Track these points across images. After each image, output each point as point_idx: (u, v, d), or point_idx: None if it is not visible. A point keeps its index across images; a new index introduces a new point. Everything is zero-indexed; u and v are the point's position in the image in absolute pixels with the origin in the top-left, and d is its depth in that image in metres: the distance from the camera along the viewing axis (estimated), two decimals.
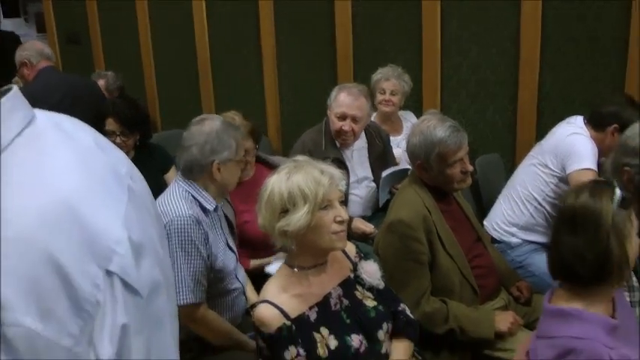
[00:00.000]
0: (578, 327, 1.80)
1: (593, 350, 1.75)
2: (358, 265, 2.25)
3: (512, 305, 2.89)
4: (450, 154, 2.66)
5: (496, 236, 3.47)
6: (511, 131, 4.40)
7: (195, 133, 2.57)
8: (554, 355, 1.80)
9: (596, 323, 1.82)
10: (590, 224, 1.82)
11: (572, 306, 1.85)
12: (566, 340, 1.79)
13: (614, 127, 3.23)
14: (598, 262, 1.81)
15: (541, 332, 1.90)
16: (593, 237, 1.82)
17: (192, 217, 2.45)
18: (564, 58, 4.16)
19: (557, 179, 3.33)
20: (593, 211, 1.82)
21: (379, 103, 4.25)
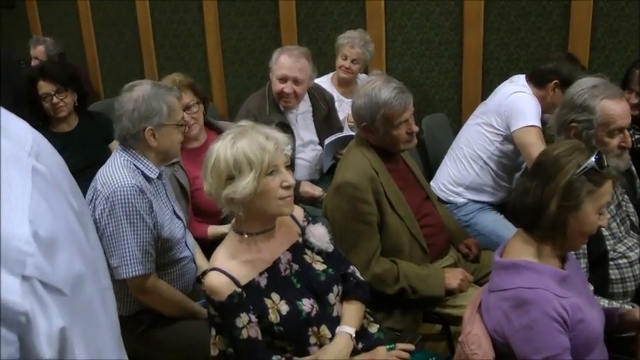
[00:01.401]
0: (529, 278, 1.84)
1: (543, 299, 1.79)
2: (306, 229, 2.24)
3: (462, 262, 2.92)
4: (395, 115, 2.65)
5: (443, 196, 3.50)
6: (457, 91, 4.44)
7: (124, 102, 2.49)
8: (507, 306, 1.84)
9: (546, 274, 1.86)
10: (545, 173, 1.87)
11: (524, 259, 1.89)
12: (518, 291, 1.82)
13: (554, 83, 3.28)
14: (532, 210, 1.87)
15: (493, 286, 1.93)
16: (541, 187, 1.86)
17: (136, 186, 2.40)
18: (508, 18, 4.21)
19: (502, 138, 3.37)
20: (555, 164, 1.86)
21: (339, 67, 4.22)
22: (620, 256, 2.47)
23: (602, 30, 4.09)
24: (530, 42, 4.22)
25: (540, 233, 1.90)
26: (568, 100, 2.52)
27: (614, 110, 2.42)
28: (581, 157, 1.85)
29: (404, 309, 2.66)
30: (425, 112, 4.18)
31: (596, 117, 2.42)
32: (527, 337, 1.80)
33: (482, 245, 3.04)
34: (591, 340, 1.91)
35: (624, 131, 2.46)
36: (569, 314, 1.81)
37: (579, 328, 1.83)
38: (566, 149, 1.89)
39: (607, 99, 2.43)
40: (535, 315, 1.79)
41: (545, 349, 1.79)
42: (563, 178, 1.84)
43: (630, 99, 3.49)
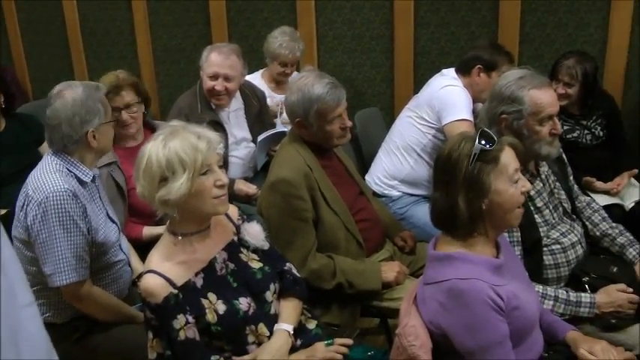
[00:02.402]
0: (464, 268, 1.86)
1: (479, 289, 1.82)
2: (241, 227, 2.22)
3: (398, 255, 2.95)
4: (328, 110, 2.66)
5: (378, 190, 3.52)
6: (389, 85, 4.48)
7: (59, 109, 2.41)
8: (443, 298, 1.86)
9: (480, 264, 1.89)
10: (444, 177, 1.91)
11: (457, 250, 1.92)
12: (453, 282, 1.84)
13: (477, 68, 3.38)
14: (445, 214, 1.91)
15: (427, 278, 1.95)
16: (445, 191, 1.91)
17: (69, 190, 2.34)
18: (438, 13, 4.27)
19: (435, 130, 3.42)
20: (449, 163, 1.90)
21: (278, 74, 4.18)
22: (553, 242, 2.53)
23: (530, 24, 4.19)
24: (461, 36, 4.29)
25: (464, 231, 1.93)
26: (496, 92, 2.56)
27: (542, 99, 2.47)
28: (468, 145, 1.89)
29: (341, 304, 2.67)
30: (358, 107, 4.20)
31: (525, 107, 2.46)
32: (466, 327, 1.83)
33: (417, 238, 3.06)
34: (527, 326, 1.95)
35: (554, 119, 2.51)
36: (504, 302, 1.83)
37: (515, 314, 1.87)
38: (453, 144, 1.92)
39: (534, 89, 2.48)
40: (472, 305, 1.81)
41: (485, 337, 1.82)
42: (460, 173, 1.87)
43: (558, 89, 3.61)
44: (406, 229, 3.11)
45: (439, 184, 1.94)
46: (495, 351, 1.82)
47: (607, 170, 3.70)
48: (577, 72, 3.58)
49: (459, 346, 1.85)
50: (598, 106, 3.76)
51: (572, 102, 3.69)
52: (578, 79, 3.60)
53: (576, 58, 3.63)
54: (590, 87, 3.66)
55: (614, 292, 2.41)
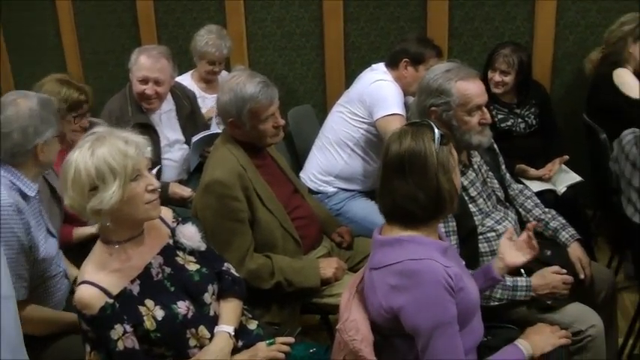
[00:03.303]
0: (416, 249, 1.89)
1: (433, 269, 1.84)
2: (176, 230, 2.20)
3: (336, 251, 2.96)
4: (261, 109, 2.65)
5: (313, 187, 3.52)
6: (320, 82, 4.49)
7: (12, 117, 2.33)
8: (395, 280, 1.87)
9: (431, 245, 1.92)
10: (418, 167, 1.90)
11: (407, 234, 1.94)
12: (406, 263, 1.86)
13: (405, 62, 3.42)
14: (432, 200, 1.91)
15: (376, 263, 1.95)
16: (423, 178, 1.90)
17: (14, 205, 2.26)
18: (367, 9, 4.30)
19: (367, 125, 3.43)
20: (418, 153, 1.90)
21: (207, 72, 4.15)
22: (488, 229, 2.59)
23: (458, 18, 4.28)
24: (390, 31, 4.33)
25: (430, 215, 1.96)
26: (424, 86, 2.60)
27: (469, 90, 2.52)
28: (427, 133, 1.92)
29: (281, 303, 2.66)
30: (290, 105, 4.19)
31: (453, 98, 2.50)
32: (419, 306, 1.84)
33: (354, 232, 3.08)
34: (470, 308, 1.99)
35: (482, 109, 2.56)
36: (454, 282, 1.86)
37: (461, 296, 1.90)
38: (411, 137, 1.93)
39: (461, 80, 2.52)
40: (427, 284, 1.83)
41: (436, 317, 1.84)
42: (433, 158, 1.89)
43: (494, 77, 3.72)
44: (343, 225, 3.12)
45: (409, 175, 1.92)
46: (444, 331, 1.85)
47: (539, 157, 3.81)
48: (514, 60, 3.70)
49: (410, 325, 1.86)
50: (531, 95, 3.88)
51: (507, 90, 3.80)
52: (515, 68, 3.71)
53: (512, 48, 3.75)
54: (525, 76, 3.77)
55: (548, 275, 2.48)
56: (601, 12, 4.18)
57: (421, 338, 1.86)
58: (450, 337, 1.86)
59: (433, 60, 3.37)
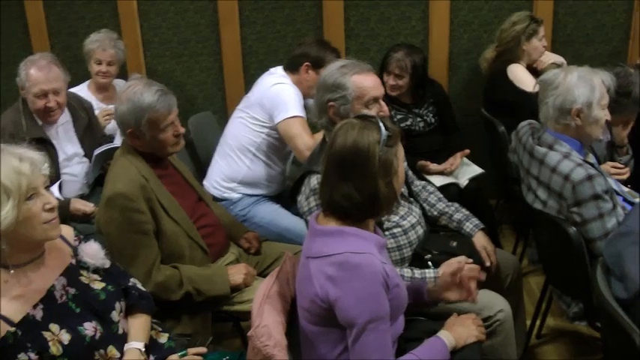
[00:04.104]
0: (357, 243, 1.91)
1: (372, 264, 1.87)
2: (79, 248, 2.14)
3: (244, 257, 2.96)
4: (160, 118, 2.61)
5: (217, 194, 3.50)
6: (220, 88, 4.47)
7: None
8: (334, 271, 1.88)
9: (371, 240, 1.96)
10: (358, 168, 1.93)
11: (348, 226, 1.96)
12: (346, 255, 1.88)
13: (305, 66, 3.45)
14: (367, 203, 1.94)
15: (314, 253, 1.96)
16: (362, 180, 1.93)
17: None
18: (263, 12, 4.30)
19: (268, 129, 3.44)
20: (361, 153, 1.92)
21: (95, 73, 4.05)
22: (394, 225, 2.65)
23: (354, 19, 4.35)
24: (287, 34, 4.35)
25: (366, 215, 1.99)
26: (321, 83, 2.66)
27: (364, 83, 2.60)
28: (373, 133, 1.94)
29: (192, 313, 2.64)
30: (190, 112, 4.15)
31: (349, 92, 2.58)
32: (356, 300, 1.86)
33: (262, 237, 3.10)
34: (401, 304, 2.04)
35: (379, 101, 2.64)
36: (389, 278, 1.91)
37: (395, 292, 1.94)
38: (355, 134, 1.94)
39: (356, 74, 2.60)
40: (366, 278, 1.86)
41: (371, 312, 1.87)
42: (374, 160, 1.92)
43: (389, 81, 3.79)
44: (250, 230, 3.12)
45: (349, 176, 1.94)
46: (377, 326, 1.88)
47: (441, 153, 3.93)
48: (407, 64, 3.79)
49: (344, 316, 1.89)
50: (429, 94, 3.98)
51: (403, 92, 3.88)
52: (408, 71, 3.81)
53: (405, 51, 3.84)
54: (419, 78, 3.88)
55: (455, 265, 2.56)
56: (492, 10, 4.36)
57: (354, 331, 1.88)
58: (382, 333, 1.90)
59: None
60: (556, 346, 3.40)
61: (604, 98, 2.71)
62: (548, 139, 2.73)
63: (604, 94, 2.71)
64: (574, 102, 2.67)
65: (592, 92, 2.66)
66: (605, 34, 4.48)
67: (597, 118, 2.70)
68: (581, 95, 2.66)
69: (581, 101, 2.66)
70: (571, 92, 2.67)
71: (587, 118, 2.68)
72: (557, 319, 3.52)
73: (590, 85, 2.67)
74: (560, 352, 3.35)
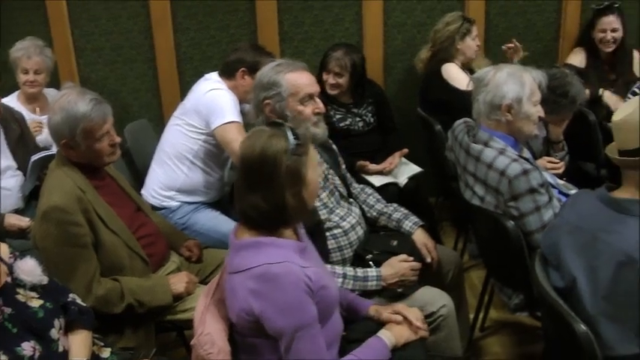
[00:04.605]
0: (274, 253, 1.90)
1: (292, 272, 1.87)
2: (14, 266, 2.08)
3: (185, 265, 2.94)
4: (95, 128, 2.56)
5: (156, 203, 3.45)
6: (155, 95, 4.42)
7: None
8: (255, 284, 1.87)
9: (288, 247, 1.95)
10: (265, 177, 1.91)
11: (264, 237, 1.95)
12: (265, 267, 1.87)
13: (242, 71, 3.43)
14: (275, 213, 1.93)
15: (234, 267, 1.95)
16: (268, 191, 1.92)
17: None
18: (196, 17, 4.28)
19: (205, 136, 3.41)
20: (267, 162, 1.91)
21: (23, 83, 3.94)
22: (335, 225, 2.67)
23: (288, 22, 4.37)
24: (222, 39, 4.34)
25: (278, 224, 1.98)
26: (257, 83, 2.69)
27: (298, 80, 2.63)
28: (281, 141, 1.93)
29: (135, 325, 2.59)
30: (126, 120, 4.09)
31: (283, 89, 2.61)
32: (281, 310, 1.86)
33: (203, 244, 3.07)
34: (331, 304, 2.04)
35: (315, 99, 2.66)
36: (313, 282, 1.90)
37: (322, 294, 1.94)
38: (263, 142, 1.93)
39: (290, 72, 2.64)
40: (287, 288, 1.86)
41: (297, 320, 1.87)
42: (281, 170, 1.91)
43: (329, 80, 3.82)
44: (190, 238, 3.09)
45: (256, 187, 1.93)
46: (306, 332, 1.88)
47: (379, 153, 3.97)
48: (346, 63, 3.84)
49: (272, 328, 1.88)
50: (367, 94, 4.02)
51: (343, 91, 3.92)
52: (348, 70, 3.85)
53: (344, 50, 3.88)
54: (359, 77, 3.92)
55: (396, 263, 2.60)
56: (425, 11, 4.44)
57: (284, 341, 1.88)
58: (312, 338, 1.91)
59: None
60: (499, 337, 3.48)
61: (535, 95, 2.77)
62: (483, 137, 2.78)
63: (535, 90, 2.77)
64: (503, 97, 2.73)
65: (521, 88, 2.72)
66: (536, 34, 4.63)
67: (528, 114, 2.76)
68: (510, 91, 2.72)
69: (511, 97, 2.72)
70: (500, 88, 2.73)
71: (517, 114, 2.74)
72: (500, 311, 3.60)
73: (520, 82, 2.73)
74: (503, 343, 3.43)
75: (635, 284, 1.91)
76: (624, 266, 1.92)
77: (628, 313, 1.95)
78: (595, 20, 4.29)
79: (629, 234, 1.94)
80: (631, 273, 1.91)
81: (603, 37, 4.26)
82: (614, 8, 4.24)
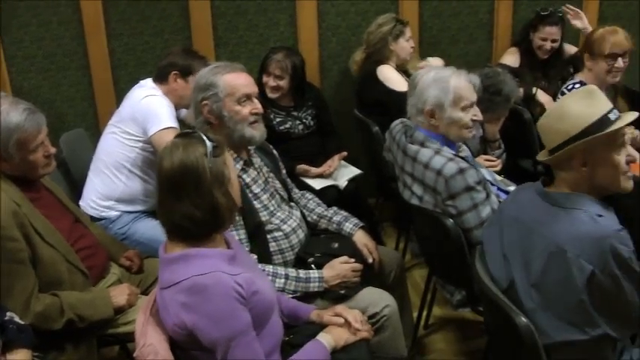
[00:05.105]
0: (201, 264, 1.89)
1: (220, 281, 1.86)
2: None
3: (126, 276, 2.90)
4: (30, 139, 2.52)
5: (94, 214, 3.39)
6: (90, 103, 4.33)
7: None
8: (185, 297, 1.87)
9: (216, 257, 1.94)
10: (191, 185, 1.91)
11: (191, 248, 1.95)
12: (193, 279, 1.86)
13: (174, 74, 3.42)
14: (210, 217, 1.93)
15: (164, 283, 1.94)
16: (198, 196, 1.91)
17: None
18: (129, 23, 4.22)
19: (142, 143, 3.38)
20: (191, 170, 1.91)
21: None
22: (276, 228, 2.68)
23: (222, 27, 4.34)
24: (156, 45, 4.28)
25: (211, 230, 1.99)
26: (195, 84, 2.72)
27: (235, 80, 2.65)
28: (198, 147, 1.94)
29: (76, 340, 2.54)
30: (61, 130, 3.98)
31: (220, 89, 2.62)
32: (212, 320, 1.86)
33: (143, 254, 3.04)
34: (267, 309, 2.04)
35: (252, 99, 2.68)
36: (244, 289, 1.90)
37: (255, 299, 1.94)
38: (182, 150, 1.94)
39: (228, 73, 2.66)
40: (216, 298, 1.85)
41: (230, 329, 1.87)
42: (206, 174, 1.91)
43: (269, 82, 3.84)
44: (131, 248, 3.06)
45: (182, 195, 1.92)
46: (240, 340, 1.89)
47: (319, 156, 4.00)
48: (287, 65, 3.86)
49: (206, 340, 1.88)
50: (307, 97, 4.04)
51: (283, 94, 3.93)
52: (289, 72, 3.87)
53: (285, 53, 3.92)
54: (299, 80, 3.94)
55: (337, 265, 2.63)
56: (359, 13, 4.47)
57: (219, 351, 1.89)
58: (248, 345, 1.91)
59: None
60: (443, 333, 3.55)
61: (462, 100, 2.78)
62: (420, 137, 2.82)
63: (462, 96, 2.78)
64: (425, 103, 2.78)
65: (444, 94, 2.76)
66: (470, 35, 4.72)
67: (453, 119, 2.79)
68: (431, 97, 2.76)
69: (432, 102, 2.77)
70: (424, 93, 2.79)
71: (441, 119, 2.79)
72: (443, 308, 3.66)
73: (443, 87, 2.76)
74: (447, 339, 3.49)
75: (562, 274, 1.99)
76: (554, 256, 2.01)
77: (558, 302, 2.04)
78: (537, 25, 4.37)
79: (560, 226, 2.03)
80: (560, 263, 2.00)
81: (542, 45, 4.38)
82: (558, 18, 4.34)
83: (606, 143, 2.04)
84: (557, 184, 2.16)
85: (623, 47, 3.58)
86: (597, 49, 3.61)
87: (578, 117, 2.04)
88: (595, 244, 1.95)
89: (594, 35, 3.68)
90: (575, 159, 2.07)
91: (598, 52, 3.61)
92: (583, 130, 2.02)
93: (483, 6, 4.65)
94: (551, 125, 2.12)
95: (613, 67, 3.60)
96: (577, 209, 2.04)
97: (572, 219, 2.02)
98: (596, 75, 3.65)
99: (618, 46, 3.56)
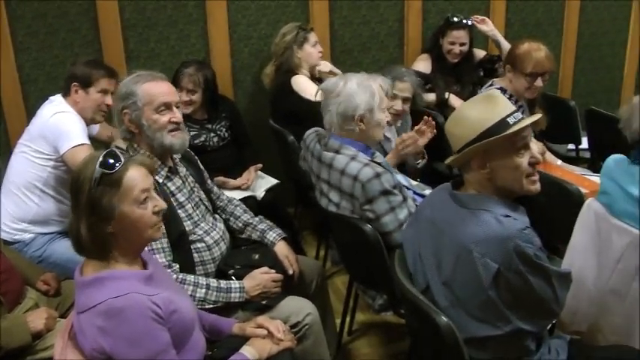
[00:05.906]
0: (116, 286, 1.87)
1: (136, 303, 1.85)
2: None
3: (44, 300, 2.82)
4: None
5: (8, 237, 3.28)
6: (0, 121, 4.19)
7: None
8: (101, 321, 1.84)
9: (131, 278, 1.92)
10: (74, 202, 1.91)
11: (104, 271, 1.91)
12: (108, 302, 1.83)
13: (74, 86, 3.35)
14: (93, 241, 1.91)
15: (80, 307, 1.90)
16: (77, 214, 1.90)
17: None
18: (37, 36, 4.10)
19: (54, 162, 3.29)
20: (76, 189, 1.90)
21: None
22: (199, 239, 2.68)
23: (133, 40, 4.30)
24: (66, 59, 4.17)
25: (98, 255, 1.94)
26: (117, 94, 2.72)
27: (154, 89, 2.65)
28: (92, 167, 1.90)
29: None
30: None
31: (139, 98, 2.62)
32: (129, 343, 1.84)
33: (61, 276, 2.96)
34: (187, 327, 2.03)
35: (172, 108, 2.67)
36: (162, 309, 1.89)
37: (174, 318, 1.93)
38: (81, 166, 1.93)
39: (147, 82, 2.66)
40: (132, 320, 1.83)
41: (150, 349, 1.86)
42: (83, 196, 1.89)
43: (182, 96, 3.81)
44: (47, 271, 2.97)
45: (73, 209, 1.92)
46: (161, 359, 1.87)
47: (235, 167, 4.01)
48: (199, 79, 3.86)
49: None
50: (221, 109, 4.03)
51: (197, 108, 3.90)
52: (201, 86, 3.87)
53: (196, 66, 3.91)
54: (211, 93, 3.93)
55: (258, 275, 2.66)
56: (270, 24, 4.52)
57: None
58: None
59: (104, 80, 3.34)
60: (367, 338, 3.58)
61: (383, 102, 2.91)
62: (335, 145, 2.86)
63: (383, 97, 2.91)
64: (356, 109, 2.83)
65: (372, 98, 2.85)
66: (381, 42, 4.82)
67: (379, 121, 2.89)
68: (362, 102, 2.83)
69: (363, 107, 2.83)
70: (352, 99, 2.83)
71: (369, 123, 2.86)
72: (365, 313, 3.70)
73: (370, 92, 2.85)
74: (371, 344, 3.54)
75: (469, 273, 2.06)
76: (461, 256, 2.08)
77: (468, 300, 2.11)
78: (445, 30, 4.52)
79: (466, 226, 2.09)
80: (466, 263, 2.07)
81: (451, 49, 4.52)
82: (466, 25, 4.49)
83: (504, 146, 2.11)
84: (466, 185, 2.23)
85: (545, 68, 3.61)
86: (520, 66, 3.62)
87: (475, 121, 2.12)
88: (499, 244, 2.02)
89: (519, 50, 3.67)
90: (473, 161, 2.14)
91: (520, 69, 3.63)
92: (480, 133, 2.09)
93: (393, 14, 4.76)
94: (452, 129, 2.20)
95: (532, 86, 3.64)
96: (482, 210, 2.10)
97: (477, 220, 2.08)
98: (514, 88, 3.70)
99: (540, 67, 3.59)
